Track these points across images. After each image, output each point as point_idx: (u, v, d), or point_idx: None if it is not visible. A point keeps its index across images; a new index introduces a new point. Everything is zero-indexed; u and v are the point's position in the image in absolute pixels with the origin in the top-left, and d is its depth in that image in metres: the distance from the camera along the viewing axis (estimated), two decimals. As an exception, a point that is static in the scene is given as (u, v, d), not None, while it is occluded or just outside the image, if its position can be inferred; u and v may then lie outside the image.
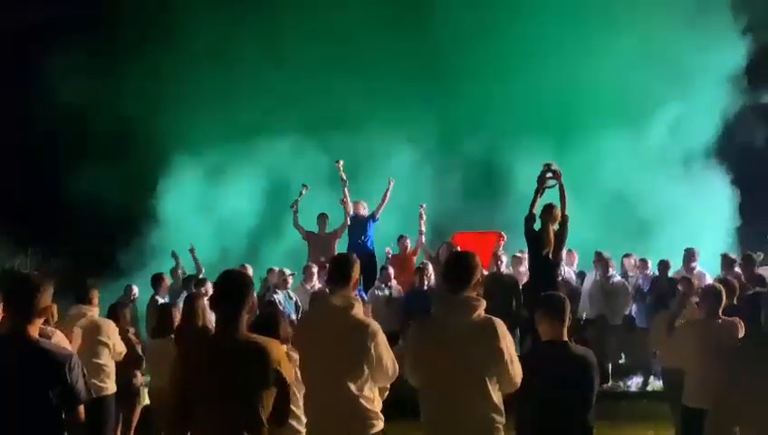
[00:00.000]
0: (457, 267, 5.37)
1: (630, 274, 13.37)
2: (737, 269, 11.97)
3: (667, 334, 8.52)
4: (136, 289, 12.36)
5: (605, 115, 17.40)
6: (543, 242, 9.64)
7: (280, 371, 4.41)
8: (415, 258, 13.83)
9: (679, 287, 10.17)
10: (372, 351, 5.39)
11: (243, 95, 18.34)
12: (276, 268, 12.82)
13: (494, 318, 5.22)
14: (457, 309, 5.22)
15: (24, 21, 17.92)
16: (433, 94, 17.93)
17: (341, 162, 14.41)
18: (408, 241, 13.96)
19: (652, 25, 17.08)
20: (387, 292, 12.45)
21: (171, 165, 18.25)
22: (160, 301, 11.55)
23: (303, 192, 14.47)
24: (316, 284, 12.85)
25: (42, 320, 4.53)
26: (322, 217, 14.39)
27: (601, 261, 13.20)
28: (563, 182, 9.83)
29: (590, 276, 13.49)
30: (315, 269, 13.04)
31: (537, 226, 9.80)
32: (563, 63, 17.14)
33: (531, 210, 9.83)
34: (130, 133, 18.23)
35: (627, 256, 13.57)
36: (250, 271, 12.07)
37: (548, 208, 9.77)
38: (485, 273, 12.28)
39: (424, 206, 14.12)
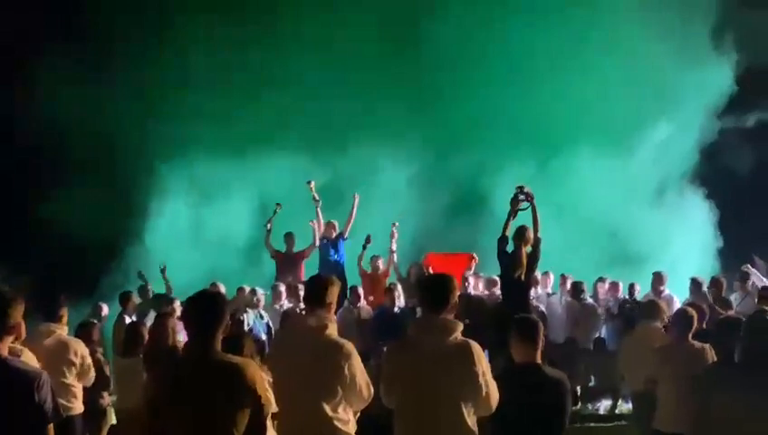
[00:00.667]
0: (434, 290, 5.38)
1: (602, 297, 13.46)
2: (705, 292, 12.12)
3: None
4: (105, 308, 12.22)
5: (588, 139, 17.58)
6: (516, 264, 9.67)
7: (255, 390, 4.36)
8: (386, 278, 13.81)
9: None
10: (346, 371, 5.37)
11: (236, 113, 18.24)
12: (247, 287, 12.74)
13: (470, 341, 5.23)
14: (434, 331, 5.22)
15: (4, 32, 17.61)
16: (421, 116, 18.03)
17: (313, 183, 14.46)
18: (381, 261, 13.93)
19: (636, 49, 17.31)
20: (356, 312, 12.40)
21: (159, 183, 18.15)
22: (127, 320, 11.43)
23: (278, 210, 14.49)
24: (285, 303, 12.85)
25: (11, 337, 4.46)
26: (289, 237, 14.44)
27: (565, 284, 13.41)
28: (536, 205, 9.87)
29: (556, 298, 13.66)
30: (283, 288, 13.04)
31: (510, 247, 9.82)
32: (548, 87, 17.29)
33: (503, 232, 9.87)
34: (116, 149, 18.10)
35: (600, 279, 13.68)
36: (222, 289, 12.04)
37: (520, 231, 9.80)
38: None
39: (396, 224, 14.12)
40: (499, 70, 17.39)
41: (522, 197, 9.93)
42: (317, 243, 14.23)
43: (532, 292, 11.70)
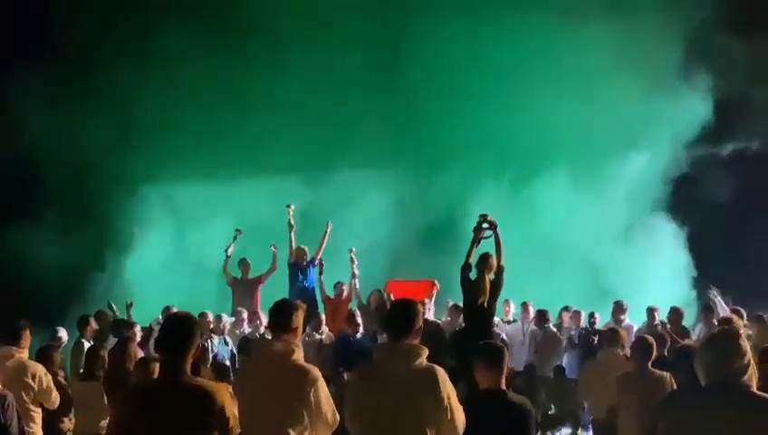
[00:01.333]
0: (399, 315, 5.39)
1: (565, 325, 13.57)
2: (659, 321, 12.31)
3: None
4: (63, 332, 12.03)
5: (562, 167, 17.87)
6: (479, 291, 9.71)
7: (224, 414, 4.39)
8: (348, 304, 13.81)
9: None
10: (312, 397, 5.37)
11: (218, 137, 18.25)
12: (210, 313, 12.66)
13: (435, 366, 5.23)
14: (398, 357, 5.21)
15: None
16: (403, 141, 18.33)
17: (292, 207, 14.53)
18: (345, 287, 13.93)
19: (610, 79, 17.40)
20: (317, 338, 12.37)
21: (140, 208, 18.08)
22: (86, 345, 11.28)
23: (237, 237, 14.53)
24: (246, 329, 12.86)
25: None
26: (244, 263, 14.51)
27: (528, 311, 13.52)
28: (499, 233, 9.95)
29: (516, 327, 13.76)
30: (245, 314, 13.08)
31: (473, 275, 9.88)
32: (523, 116, 17.45)
33: (467, 260, 9.92)
34: (91, 174, 18.00)
35: (565, 308, 13.77)
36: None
37: (484, 258, 9.86)
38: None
39: (353, 250, 14.12)
40: (478, 97, 17.62)
41: (485, 225, 10.01)
42: (276, 267, 14.30)
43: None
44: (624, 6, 17.48)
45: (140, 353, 9.24)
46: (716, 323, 11.89)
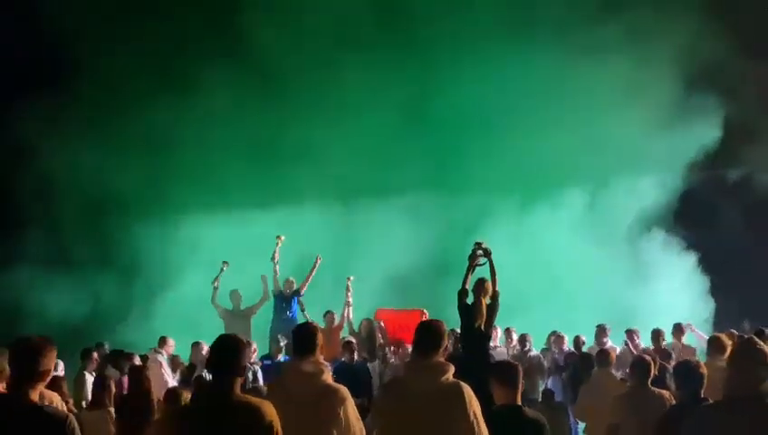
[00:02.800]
0: (427, 334, 5.69)
1: (554, 349, 13.84)
2: (635, 343, 12.78)
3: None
4: (61, 365, 12.12)
5: (562, 187, 18.35)
6: (476, 314, 9.99)
7: (273, 428, 4.64)
8: (340, 332, 14.05)
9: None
10: (342, 415, 5.63)
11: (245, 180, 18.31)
12: (204, 343, 12.79)
13: (461, 382, 5.52)
14: (426, 373, 5.51)
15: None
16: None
17: (282, 238, 14.80)
18: (335, 316, 14.20)
19: (621, 106, 17.70)
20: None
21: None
22: (88, 376, 11.40)
23: (224, 269, 14.80)
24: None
25: (43, 384, 4.62)
26: (235, 295, 14.77)
27: (511, 337, 13.80)
28: (493, 260, 10.25)
29: (502, 350, 14.01)
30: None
31: (470, 299, 10.16)
32: (521, 134, 17.63)
33: (463, 286, 10.20)
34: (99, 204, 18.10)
35: (553, 333, 14.05)
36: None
37: (480, 283, 10.15)
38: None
39: (351, 278, 14.40)
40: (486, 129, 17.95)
41: (480, 252, 10.31)
42: (267, 297, 14.62)
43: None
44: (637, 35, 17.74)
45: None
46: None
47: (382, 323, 13.96)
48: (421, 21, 18.10)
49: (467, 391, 5.46)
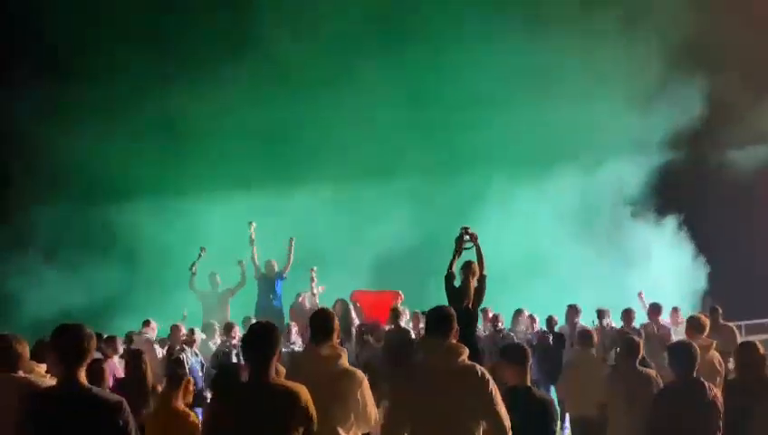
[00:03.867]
0: (439, 318, 5.83)
1: (520, 328, 14.12)
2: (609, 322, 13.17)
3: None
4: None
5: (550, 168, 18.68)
6: (464, 295, 10.15)
7: (308, 410, 4.82)
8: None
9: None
10: (359, 397, 5.76)
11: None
12: (182, 325, 12.87)
13: (476, 364, 5.68)
14: (444, 354, 5.64)
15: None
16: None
17: (254, 224, 14.96)
18: (306, 296, 14.47)
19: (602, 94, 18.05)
20: (290, 348, 12.68)
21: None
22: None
23: (202, 254, 15.00)
24: (217, 340, 13.15)
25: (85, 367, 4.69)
26: (213, 277, 14.94)
27: (487, 316, 14.04)
28: (479, 244, 10.44)
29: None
30: (216, 326, 13.47)
31: (457, 282, 10.34)
32: (509, 117, 18.10)
33: (450, 269, 10.38)
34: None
35: (519, 311, 14.33)
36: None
37: (468, 264, 10.32)
38: (387, 328, 12.91)
39: (314, 269, 14.63)
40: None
41: (466, 237, 10.49)
42: (244, 282, 14.83)
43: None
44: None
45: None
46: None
47: (358, 304, 14.14)
48: (418, 11, 18.40)
49: (484, 371, 5.61)
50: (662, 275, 17.46)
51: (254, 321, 12.75)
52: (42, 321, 14.90)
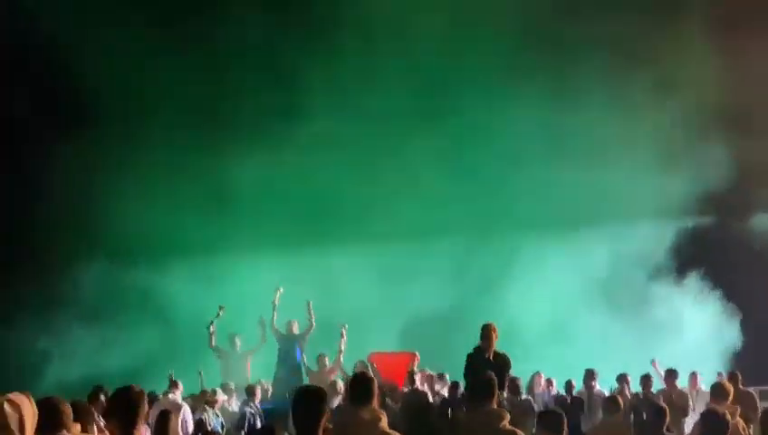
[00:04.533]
0: (482, 384, 6.05)
1: (537, 391, 14.13)
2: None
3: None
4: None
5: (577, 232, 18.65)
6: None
7: None
8: (333, 375, 14.23)
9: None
10: (399, 460, 5.84)
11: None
12: (207, 389, 12.99)
13: (517, 430, 5.80)
14: (487, 419, 5.83)
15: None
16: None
17: (281, 290, 15.10)
18: (327, 359, 14.58)
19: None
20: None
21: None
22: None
23: (220, 313, 15.14)
24: (234, 401, 13.39)
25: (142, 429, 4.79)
26: (232, 338, 15.18)
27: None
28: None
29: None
30: (233, 386, 13.72)
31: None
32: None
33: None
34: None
35: (537, 374, 14.35)
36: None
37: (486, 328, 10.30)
38: (404, 390, 12.97)
39: (345, 326, 14.81)
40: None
41: None
42: (265, 341, 14.99)
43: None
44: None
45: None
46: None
47: (374, 365, 14.23)
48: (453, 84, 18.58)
49: None
50: (692, 338, 17.43)
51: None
52: (68, 382, 15.05)
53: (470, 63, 18.68)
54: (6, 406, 4.73)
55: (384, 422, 5.99)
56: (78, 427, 6.86)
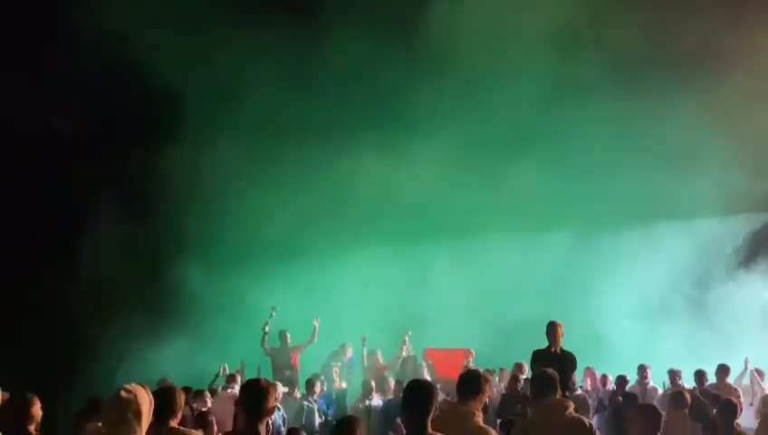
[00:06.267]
0: (545, 379, 6.47)
1: (590, 388, 14.29)
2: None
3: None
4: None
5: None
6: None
7: None
8: (386, 372, 14.49)
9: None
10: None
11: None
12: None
13: (583, 417, 6.31)
14: (554, 410, 6.26)
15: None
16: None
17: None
18: (379, 355, 14.99)
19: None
20: (367, 403, 13.01)
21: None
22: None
23: (273, 314, 15.54)
24: (297, 394, 13.92)
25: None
26: (283, 334, 15.48)
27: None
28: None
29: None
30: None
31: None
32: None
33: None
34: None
35: (588, 368, 14.53)
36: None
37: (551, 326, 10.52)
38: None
39: (409, 333, 15.43)
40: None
41: None
42: (314, 340, 15.44)
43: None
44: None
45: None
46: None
47: (430, 362, 14.52)
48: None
49: (591, 422, 6.27)
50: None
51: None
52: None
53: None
54: (123, 393, 5.03)
55: (478, 417, 6.23)
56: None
